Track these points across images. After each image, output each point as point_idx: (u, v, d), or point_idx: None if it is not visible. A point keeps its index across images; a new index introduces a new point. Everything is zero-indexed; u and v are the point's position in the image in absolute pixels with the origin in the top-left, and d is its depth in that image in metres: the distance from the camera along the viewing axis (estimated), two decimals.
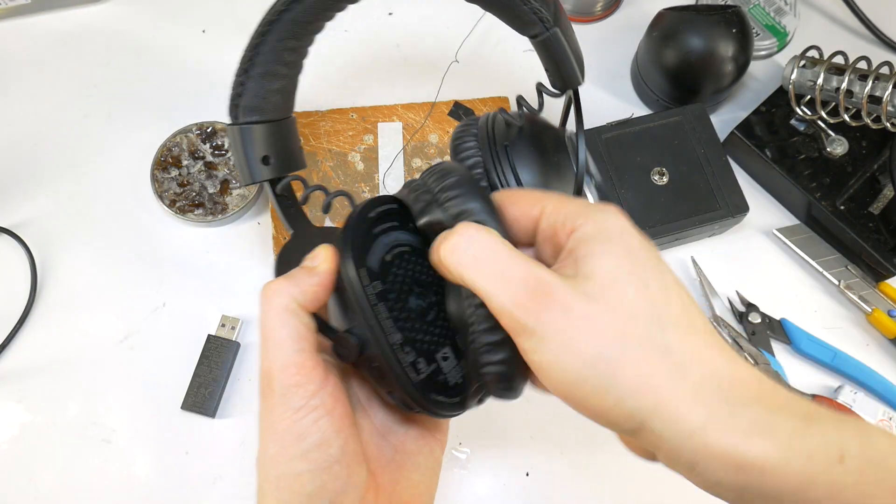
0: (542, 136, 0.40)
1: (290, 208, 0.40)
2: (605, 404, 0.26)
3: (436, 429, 0.38)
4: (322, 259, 0.35)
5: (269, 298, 0.33)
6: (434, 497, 0.37)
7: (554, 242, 0.30)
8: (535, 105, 0.42)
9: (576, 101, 0.37)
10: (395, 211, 0.36)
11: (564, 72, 0.36)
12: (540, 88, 0.37)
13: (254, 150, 0.39)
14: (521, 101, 0.38)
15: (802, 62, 0.58)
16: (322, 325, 0.34)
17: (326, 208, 0.40)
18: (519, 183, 0.39)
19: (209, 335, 0.54)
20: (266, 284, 0.34)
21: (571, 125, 0.41)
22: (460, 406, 0.35)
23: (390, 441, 0.36)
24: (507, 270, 0.28)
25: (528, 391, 0.36)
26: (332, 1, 0.37)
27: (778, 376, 0.54)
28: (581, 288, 0.27)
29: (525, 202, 0.31)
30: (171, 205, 0.57)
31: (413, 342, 0.34)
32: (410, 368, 0.33)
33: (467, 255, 0.29)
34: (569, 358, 0.26)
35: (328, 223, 0.56)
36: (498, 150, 0.40)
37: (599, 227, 0.28)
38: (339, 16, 0.40)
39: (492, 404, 0.54)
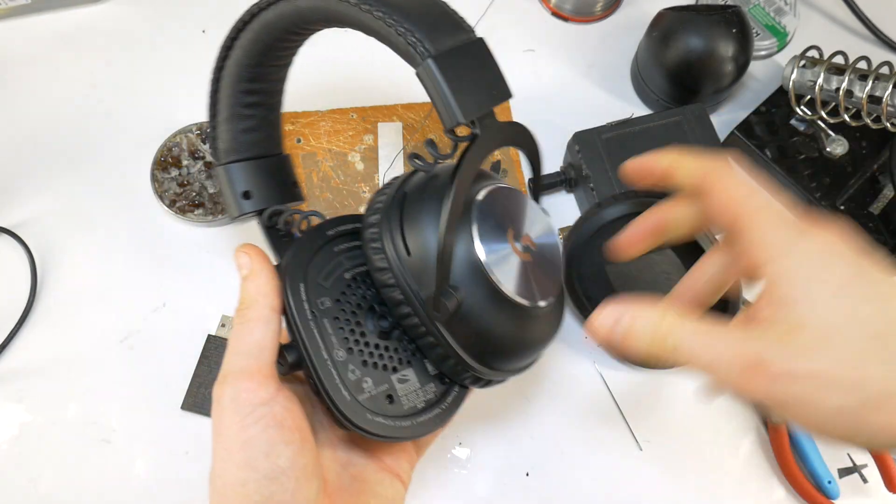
0: (441, 190, 0.33)
1: (281, 237, 0.40)
2: (857, 443, 0.26)
3: (396, 465, 0.38)
4: (250, 259, 0.35)
5: (242, 313, 0.33)
6: None
7: (741, 250, 0.29)
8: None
9: (466, 148, 0.32)
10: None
11: (440, 110, 0.31)
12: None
13: (235, 187, 0.41)
14: (429, 144, 0.33)
15: (802, 62, 0.58)
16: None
17: (299, 229, 0.40)
18: (406, 246, 0.34)
19: (209, 335, 0.54)
20: (240, 303, 0.34)
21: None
22: (413, 429, 0.34)
23: (349, 471, 0.36)
24: (717, 357, 0.27)
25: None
26: (274, 41, 0.37)
27: None
28: (797, 345, 0.25)
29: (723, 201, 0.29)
30: (171, 205, 0.57)
31: (364, 361, 0.34)
32: (353, 387, 0.33)
33: (684, 349, 0.28)
34: (810, 414, 0.25)
35: None
36: (395, 206, 0.35)
37: (800, 262, 0.26)
38: None
39: (492, 404, 0.54)
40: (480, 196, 0.35)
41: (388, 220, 0.34)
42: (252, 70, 0.39)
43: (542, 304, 0.35)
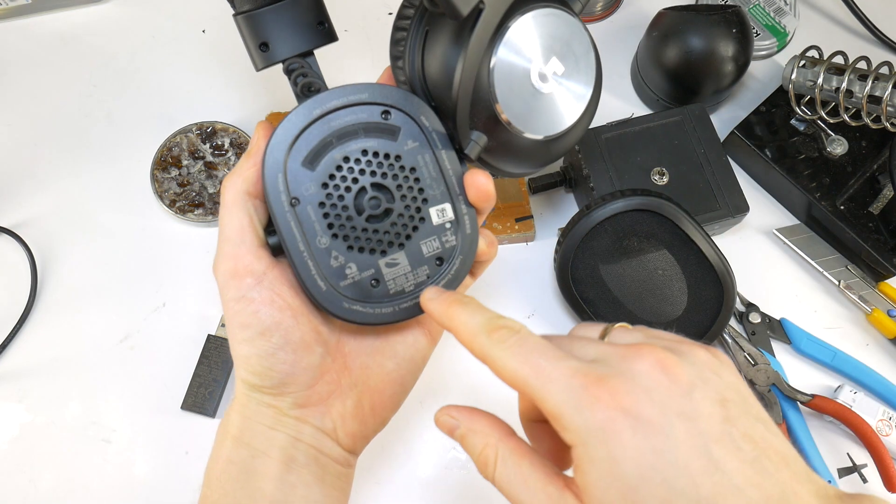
0: (463, 28, 0.34)
1: (304, 91, 0.39)
2: None
3: (426, 320, 0.39)
4: (255, 137, 0.35)
5: (222, 194, 0.35)
6: (407, 390, 0.38)
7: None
8: None
9: (472, 24, 0.33)
10: (365, 102, 0.35)
11: (440, 3, 0.31)
12: None
13: (252, 38, 0.39)
14: None
15: (802, 62, 0.58)
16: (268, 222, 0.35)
17: (303, 91, 0.38)
18: (424, 79, 0.36)
19: (209, 335, 0.54)
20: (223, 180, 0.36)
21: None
22: (393, 315, 0.35)
23: (374, 326, 0.37)
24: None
25: None
26: None
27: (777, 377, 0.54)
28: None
29: (514, 384, 0.27)
30: (171, 205, 0.57)
31: (349, 247, 0.34)
32: (333, 274, 0.34)
33: (502, 482, 0.29)
34: None
35: None
36: (418, 35, 0.36)
37: (587, 452, 0.24)
38: (340, 15, 0.40)
39: (492, 405, 0.54)
40: (510, 26, 0.34)
41: (411, 51, 0.36)
42: None
43: (558, 131, 0.37)
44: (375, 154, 0.35)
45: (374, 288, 0.35)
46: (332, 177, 0.34)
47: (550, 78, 0.36)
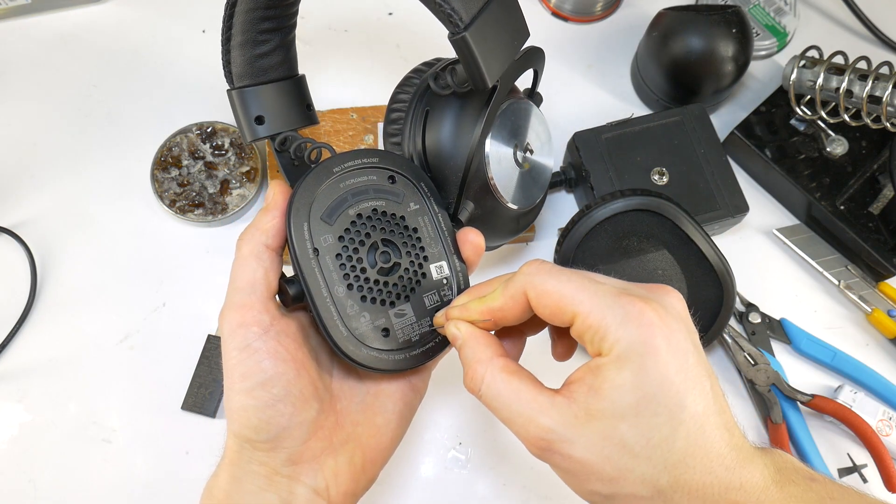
0: (464, 109, 0.41)
1: (292, 162, 0.42)
2: None
3: (414, 375, 0.39)
4: (272, 193, 0.37)
5: (238, 247, 0.36)
6: (396, 444, 0.39)
7: (580, 340, 0.31)
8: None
9: (488, 100, 0.39)
10: (376, 166, 0.38)
11: (470, 75, 0.36)
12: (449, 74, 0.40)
13: (248, 112, 0.42)
14: (447, 72, 0.40)
15: (802, 62, 0.58)
16: (283, 273, 0.37)
17: (308, 158, 0.42)
18: (424, 152, 0.41)
19: (209, 335, 0.54)
20: (239, 235, 0.36)
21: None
22: (405, 362, 0.36)
23: (365, 382, 0.38)
24: (514, 416, 0.31)
25: None
26: None
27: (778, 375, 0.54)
28: (584, 433, 0.29)
29: (556, 305, 0.31)
30: (171, 205, 0.57)
31: (363, 297, 0.36)
32: (350, 321, 0.35)
33: (489, 396, 0.32)
34: (571, 483, 0.31)
35: None
36: (417, 114, 0.42)
37: (622, 361, 0.29)
38: (340, 15, 0.40)
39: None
40: (498, 111, 0.41)
41: (411, 131, 0.41)
42: None
43: (528, 206, 0.45)
44: (384, 213, 0.37)
45: (385, 337, 0.36)
46: (347, 231, 0.36)
47: (527, 157, 0.44)
